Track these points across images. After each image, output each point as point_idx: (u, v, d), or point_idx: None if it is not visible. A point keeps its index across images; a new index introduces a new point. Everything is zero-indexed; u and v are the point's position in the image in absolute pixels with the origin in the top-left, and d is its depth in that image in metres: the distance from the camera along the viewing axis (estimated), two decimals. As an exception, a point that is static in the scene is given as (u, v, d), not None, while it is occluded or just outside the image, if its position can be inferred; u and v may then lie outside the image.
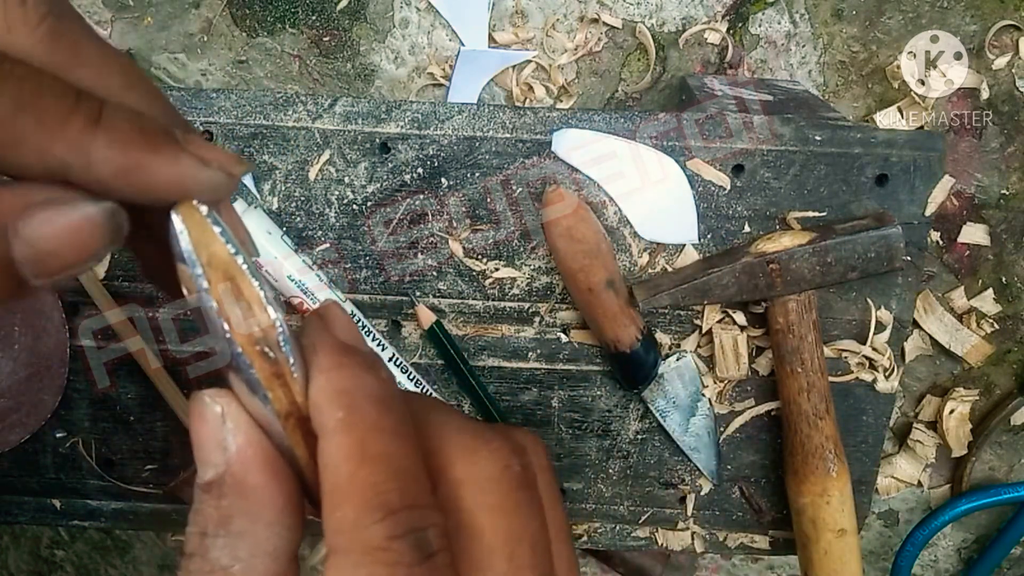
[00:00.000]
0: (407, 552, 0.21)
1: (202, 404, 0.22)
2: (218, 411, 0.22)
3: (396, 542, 0.21)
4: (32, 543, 0.95)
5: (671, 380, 0.59)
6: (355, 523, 0.21)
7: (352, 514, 0.21)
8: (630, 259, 0.57)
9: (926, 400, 0.78)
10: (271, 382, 0.22)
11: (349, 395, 0.22)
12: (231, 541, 0.21)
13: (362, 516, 0.21)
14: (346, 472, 0.21)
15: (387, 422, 0.22)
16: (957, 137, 0.70)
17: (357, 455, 0.21)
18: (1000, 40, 0.69)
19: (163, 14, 0.70)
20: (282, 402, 0.22)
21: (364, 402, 0.22)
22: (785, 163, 0.55)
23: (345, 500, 0.21)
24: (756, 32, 0.69)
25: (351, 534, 0.21)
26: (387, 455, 0.22)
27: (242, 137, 0.55)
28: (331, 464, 0.21)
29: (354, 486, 0.21)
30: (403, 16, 0.69)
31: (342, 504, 0.21)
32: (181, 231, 0.22)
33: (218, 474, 0.22)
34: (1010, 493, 0.79)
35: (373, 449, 0.22)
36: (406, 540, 0.21)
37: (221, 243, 0.22)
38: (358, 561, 0.21)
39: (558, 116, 0.55)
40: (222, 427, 0.22)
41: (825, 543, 0.57)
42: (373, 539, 0.21)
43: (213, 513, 0.21)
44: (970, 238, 0.73)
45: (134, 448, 0.62)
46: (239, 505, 0.22)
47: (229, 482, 0.22)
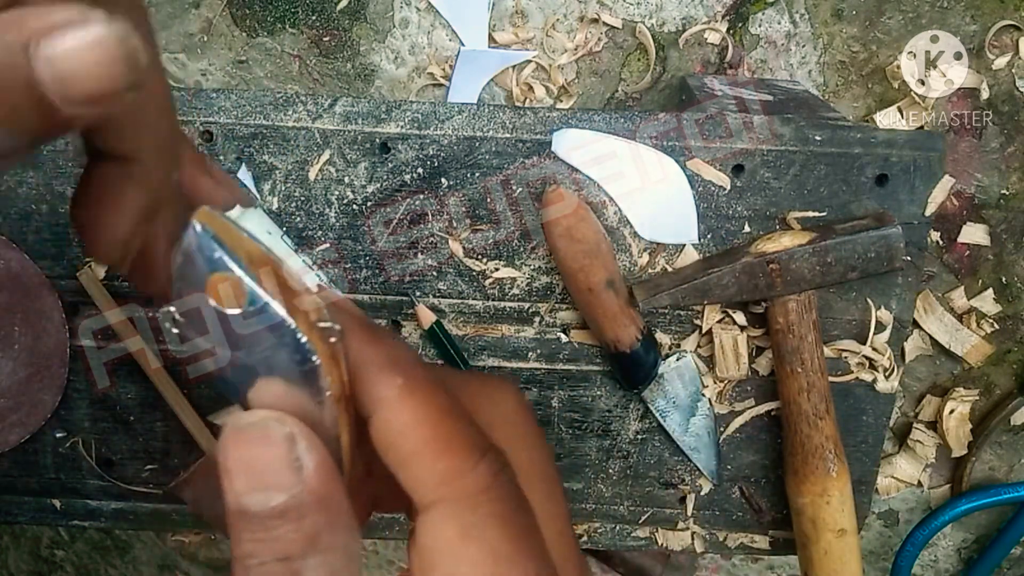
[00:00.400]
0: (507, 485, 0.22)
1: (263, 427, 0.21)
2: (287, 432, 0.21)
3: (499, 478, 0.22)
4: (32, 543, 0.95)
5: (671, 380, 0.59)
6: (459, 470, 0.21)
7: (456, 462, 0.21)
8: (630, 259, 0.57)
9: (926, 400, 0.78)
10: (330, 366, 0.22)
11: (400, 362, 0.22)
12: (324, 558, 0.21)
13: (464, 462, 0.22)
14: (430, 428, 0.22)
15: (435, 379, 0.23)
16: (957, 137, 0.70)
17: (434, 412, 0.22)
18: (1000, 40, 0.69)
19: (163, 14, 0.70)
20: (337, 385, 0.22)
21: (412, 365, 0.23)
22: (785, 163, 0.55)
23: (442, 452, 0.22)
24: (756, 32, 0.69)
25: (458, 481, 0.21)
26: (452, 407, 0.23)
27: (242, 137, 0.55)
28: (409, 426, 0.22)
29: (444, 438, 0.22)
30: (403, 16, 0.69)
31: (440, 457, 0.21)
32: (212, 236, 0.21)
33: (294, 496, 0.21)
34: (1010, 493, 0.79)
35: (441, 404, 0.22)
36: (504, 474, 0.22)
37: (251, 241, 0.22)
38: (475, 503, 0.21)
39: (558, 116, 0.55)
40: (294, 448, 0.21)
41: (825, 543, 0.57)
42: (481, 479, 0.22)
43: (295, 537, 0.21)
44: (970, 238, 0.73)
45: (134, 448, 0.62)
46: (324, 520, 0.21)
47: (311, 500, 0.21)
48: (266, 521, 0.21)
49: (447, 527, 0.21)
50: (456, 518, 0.21)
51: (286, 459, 0.21)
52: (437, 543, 0.21)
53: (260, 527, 0.21)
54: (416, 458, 0.22)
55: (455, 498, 0.21)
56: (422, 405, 0.22)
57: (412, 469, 0.22)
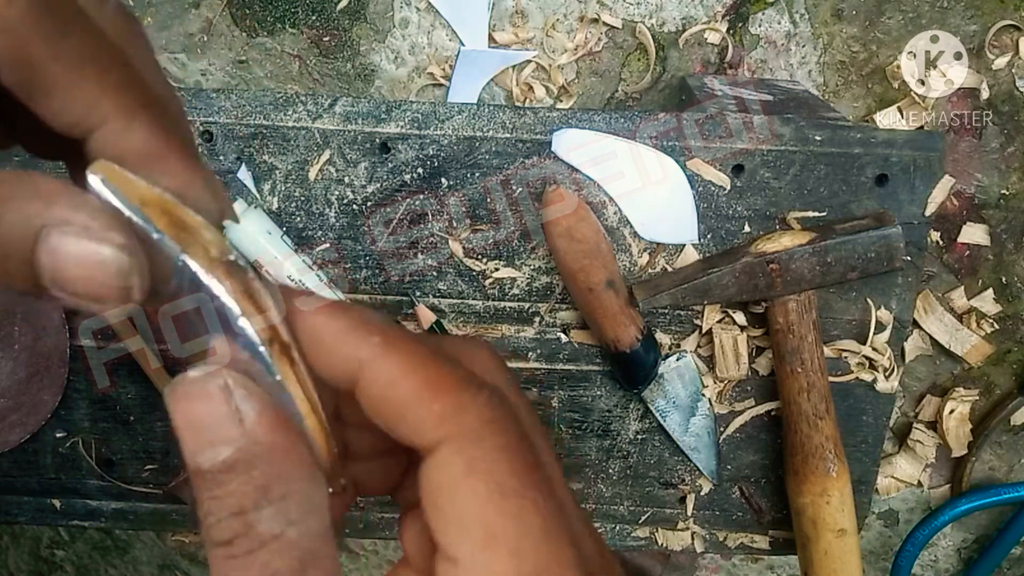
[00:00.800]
0: (509, 418, 0.22)
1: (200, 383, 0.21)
2: (222, 383, 0.21)
3: (500, 410, 0.22)
4: (32, 543, 0.95)
5: (671, 380, 0.59)
6: (459, 405, 0.21)
7: (454, 399, 0.21)
8: (630, 259, 0.57)
9: (926, 400, 0.78)
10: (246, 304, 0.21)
11: (373, 322, 0.22)
12: (279, 507, 0.21)
13: (462, 398, 0.22)
14: (421, 372, 0.22)
15: (406, 331, 0.23)
16: (957, 137, 0.70)
17: (420, 358, 0.22)
18: (1000, 40, 0.69)
19: (163, 14, 0.70)
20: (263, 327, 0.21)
21: (387, 325, 0.23)
22: (785, 163, 0.55)
23: (438, 392, 0.21)
24: (756, 32, 0.69)
25: (459, 417, 0.21)
26: (436, 353, 0.23)
27: (242, 137, 0.55)
28: (398, 376, 0.22)
29: (436, 379, 0.22)
30: (403, 16, 0.69)
31: (437, 396, 0.21)
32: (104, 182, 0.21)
33: (240, 448, 0.21)
34: (1010, 493, 0.79)
35: (425, 352, 0.22)
36: (504, 407, 0.22)
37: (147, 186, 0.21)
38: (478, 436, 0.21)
39: (558, 116, 0.55)
40: (231, 399, 0.21)
41: (825, 543, 0.57)
42: (483, 412, 0.21)
43: (246, 488, 0.20)
44: (970, 238, 0.73)
45: (134, 448, 0.62)
46: (274, 471, 0.21)
47: (257, 451, 0.21)
48: (217, 476, 0.21)
49: (453, 464, 0.21)
50: (461, 453, 0.21)
51: (226, 412, 0.21)
52: (443, 480, 0.21)
53: (213, 483, 0.21)
54: (412, 405, 0.21)
55: (458, 434, 0.21)
56: (407, 354, 0.22)
57: (410, 417, 0.21)
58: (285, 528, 0.20)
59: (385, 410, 0.22)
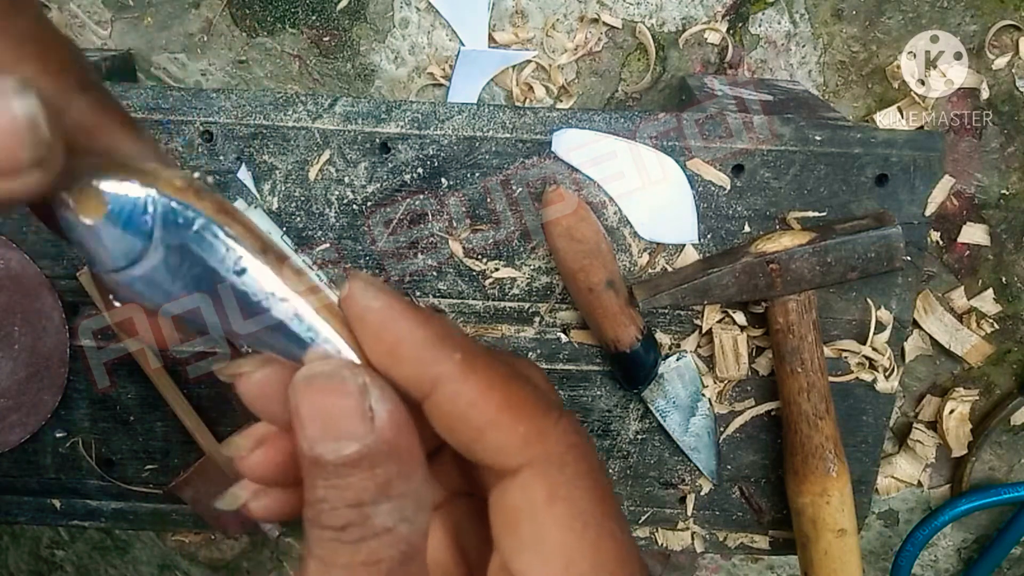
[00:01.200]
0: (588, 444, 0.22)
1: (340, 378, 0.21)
2: (361, 382, 0.21)
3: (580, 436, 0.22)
4: (32, 543, 0.95)
5: (671, 380, 0.59)
6: (541, 431, 0.22)
7: (537, 424, 0.22)
8: (630, 259, 0.57)
9: (926, 400, 0.78)
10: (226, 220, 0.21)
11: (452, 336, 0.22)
12: (396, 504, 0.21)
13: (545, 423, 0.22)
14: (503, 394, 0.22)
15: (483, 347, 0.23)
16: (957, 137, 0.70)
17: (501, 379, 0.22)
18: (1000, 40, 0.69)
19: (163, 14, 0.70)
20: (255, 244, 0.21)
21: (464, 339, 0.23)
22: (785, 163, 0.55)
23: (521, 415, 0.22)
24: (756, 32, 0.69)
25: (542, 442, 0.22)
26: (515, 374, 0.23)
27: (242, 137, 0.55)
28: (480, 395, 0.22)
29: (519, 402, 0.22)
30: (403, 16, 0.69)
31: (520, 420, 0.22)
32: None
33: (367, 445, 0.21)
34: (1010, 493, 0.79)
35: (504, 372, 0.22)
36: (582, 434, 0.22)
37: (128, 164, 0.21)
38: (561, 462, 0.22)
39: (558, 116, 0.55)
40: (366, 397, 0.21)
41: (825, 543, 0.57)
42: (565, 438, 0.22)
43: (367, 484, 0.21)
44: (970, 238, 0.73)
45: (134, 448, 0.62)
46: (396, 469, 0.21)
47: (384, 449, 0.21)
48: (339, 469, 0.21)
49: (536, 488, 0.21)
50: (545, 478, 0.21)
51: (359, 409, 0.21)
52: (524, 505, 0.21)
53: (333, 474, 0.21)
54: (494, 425, 0.22)
55: (542, 458, 0.21)
56: (487, 374, 0.22)
57: (491, 437, 0.22)
58: (398, 523, 0.21)
59: (461, 429, 0.22)
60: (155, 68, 0.71)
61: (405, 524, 0.21)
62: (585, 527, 0.21)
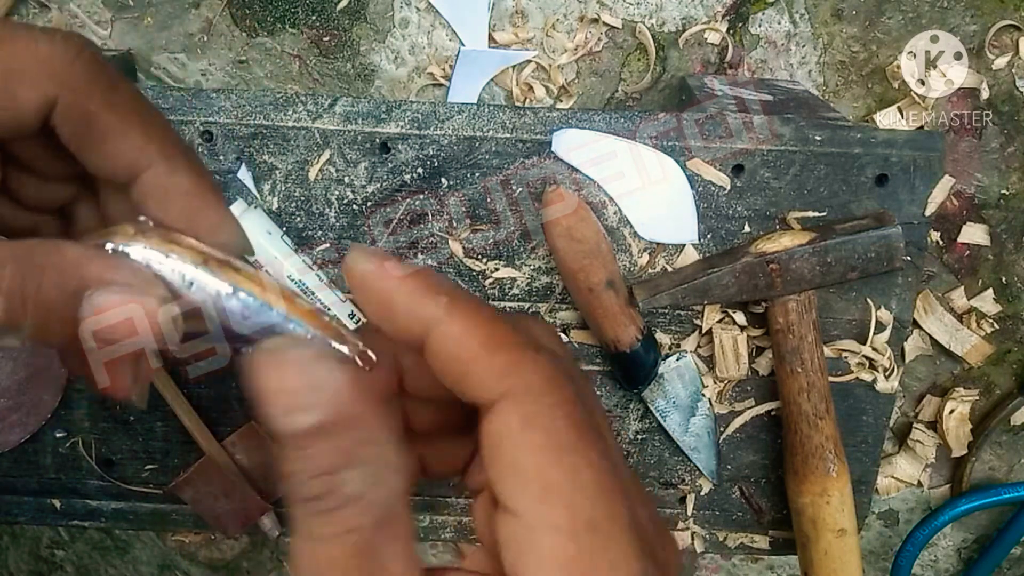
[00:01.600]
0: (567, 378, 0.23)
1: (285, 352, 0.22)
2: (308, 354, 0.22)
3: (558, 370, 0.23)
4: (32, 543, 0.95)
5: (671, 380, 0.59)
6: (518, 362, 0.22)
7: (514, 355, 0.22)
8: (630, 259, 0.57)
9: (926, 400, 0.78)
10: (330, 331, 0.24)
11: (440, 283, 0.23)
12: (364, 470, 0.22)
13: (522, 355, 0.22)
14: (485, 329, 0.23)
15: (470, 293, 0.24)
16: (957, 137, 0.70)
17: (484, 317, 0.23)
18: (1000, 40, 0.69)
19: (163, 14, 0.70)
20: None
21: (452, 286, 0.24)
22: (785, 163, 0.55)
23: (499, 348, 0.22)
24: (756, 32, 0.69)
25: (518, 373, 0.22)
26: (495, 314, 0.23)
27: (242, 137, 0.55)
28: (464, 332, 0.22)
29: (499, 337, 0.23)
30: (403, 16, 0.69)
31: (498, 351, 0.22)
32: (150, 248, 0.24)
33: (325, 414, 0.22)
34: (1010, 493, 0.79)
35: (489, 312, 0.23)
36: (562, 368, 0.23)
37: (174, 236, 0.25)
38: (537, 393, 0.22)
39: (558, 116, 0.55)
40: (315, 369, 0.22)
41: (825, 543, 0.57)
42: (542, 370, 0.22)
43: (331, 452, 0.22)
44: (970, 238, 0.73)
45: (134, 448, 0.62)
46: (360, 435, 0.22)
47: (344, 417, 0.22)
48: (302, 440, 0.22)
49: (512, 417, 0.22)
50: (520, 406, 0.22)
51: (308, 381, 0.22)
52: (502, 433, 0.22)
53: (297, 445, 0.22)
54: (475, 360, 0.22)
55: (518, 389, 0.22)
56: (471, 312, 0.23)
57: (474, 372, 0.22)
58: (369, 489, 0.22)
59: (451, 367, 0.23)
60: (155, 68, 0.71)
61: (376, 490, 0.22)
62: (560, 452, 0.21)
